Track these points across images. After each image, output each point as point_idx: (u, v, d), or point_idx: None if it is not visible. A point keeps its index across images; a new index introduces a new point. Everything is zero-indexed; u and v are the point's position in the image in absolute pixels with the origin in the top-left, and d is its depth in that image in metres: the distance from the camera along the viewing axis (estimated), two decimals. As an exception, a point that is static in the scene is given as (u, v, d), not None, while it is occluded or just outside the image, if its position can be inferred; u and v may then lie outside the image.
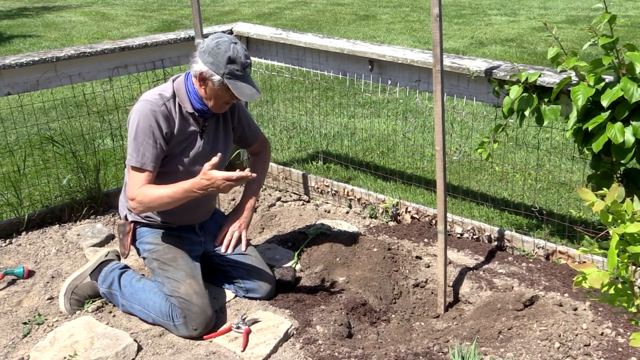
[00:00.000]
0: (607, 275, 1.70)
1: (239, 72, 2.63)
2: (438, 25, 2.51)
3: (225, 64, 2.60)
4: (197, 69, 2.65)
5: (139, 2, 12.43)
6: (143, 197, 2.62)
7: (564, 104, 2.80)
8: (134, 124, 2.64)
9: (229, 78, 2.61)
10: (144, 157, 2.63)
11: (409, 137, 5.02)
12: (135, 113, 2.66)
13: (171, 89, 2.72)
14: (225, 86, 2.63)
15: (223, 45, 2.61)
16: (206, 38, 2.70)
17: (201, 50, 2.65)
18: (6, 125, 4.41)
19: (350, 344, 2.62)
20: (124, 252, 2.89)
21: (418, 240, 3.40)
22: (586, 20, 10.26)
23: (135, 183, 2.64)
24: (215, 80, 2.62)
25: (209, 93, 2.69)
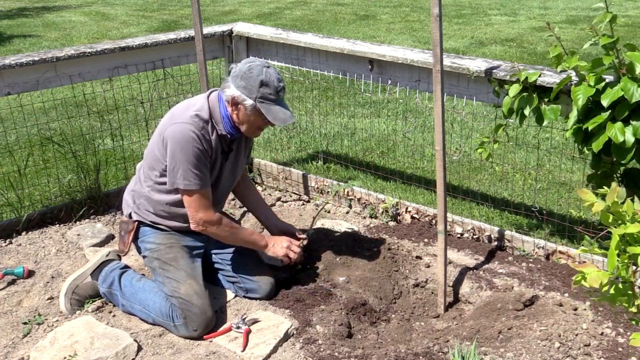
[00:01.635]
0: (607, 275, 1.70)
1: (272, 96, 2.61)
2: (438, 25, 2.50)
3: (257, 87, 2.58)
4: (229, 94, 2.63)
5: (139, 2, 12.42)
6: (217, 229, 2.73)
7: (564, 103, 2.80)
8: (180, 147, 2.59)
9: (261, 102, 2.59)
10: (200, 178, 2.63)
11: (409, 137, 5.02)
12: (178, 136, 2.60)
13: (207, 111, 2.68)
14: (258, 111, 2.61)
15: (255, 69, 2.59)
16: (239, 63, 2.68)
17: (233, 75, 2.63)
18: (6, 125, 4.41)
19: (350, 344, 2.62)
20: (123, 249, 2.89)
21: (418, 240, 3.39)
22: (586, 20, 10.26)
23: (200, 205, 2.66)
24: (247, 105, 2.61)
25: (242, 117, 2.67)
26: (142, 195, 2.82)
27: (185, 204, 2.69)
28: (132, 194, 2.88)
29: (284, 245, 2.86)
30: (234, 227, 2.79)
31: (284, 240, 2.89)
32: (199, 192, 2.64)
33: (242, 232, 2.84)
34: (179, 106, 2.77)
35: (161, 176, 2.73)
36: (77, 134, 4.19)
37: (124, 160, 4.12)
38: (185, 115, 2.65)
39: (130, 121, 4.85)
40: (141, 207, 2.83)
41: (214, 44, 3.98)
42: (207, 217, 2.68)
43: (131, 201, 2.87)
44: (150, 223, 2.84)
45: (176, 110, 2.74)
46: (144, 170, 2.82)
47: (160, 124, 2.77)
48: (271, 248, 2.85)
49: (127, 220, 2.89)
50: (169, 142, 2.62)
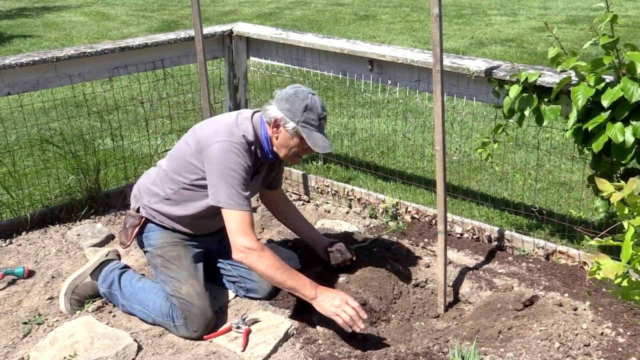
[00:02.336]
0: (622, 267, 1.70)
1: (314, 123, 2.61)
2: (438, 25, 2.50)
3: (301, 111, 2.58)
4: (272, 115, 2.62)
5: (139, 2, 12.42)
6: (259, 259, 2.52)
7: (564, 104, 2.80)
8: (227, 165, 2.54)
9: (303, 126, 2.59)
10: (245, 199, 2.57)
11: (409, 137, 5.02)
12: (225, 155, 2.55)
13: (252, 133, 2.65)
14: (299, 135, 2.60)
15: (301, 94, 2.60)
16: (285, 89, 2.68)
17: (278, 97, 2.63)
18: (6, 125, 4.41)
19: (350, 343, 2.62)
20: (126, 242, 2.85)
21: (418, 240, 3.40)
22: (586, 20, 10.26)
23: (243, 229, 2.54)
24: (289, 128, 2.60)
25: (281, 141, 2.65)
26: (157, 195, 2.79)
27: (228, 226, 2.56)
28: (147, 191, 2.83)
29: (335, 304, 2.48)
30: (278, 263, 2.53)
31: (337, 297, 2.51)
32: (242, 213, 2.55)
33: (288, 272, 2.54)
34: (223, 121, 2.68)
35: (190, 186, 2.69)
36: (77, 134, 4.19)
37: (124, 160, 4.12)
38: (233, 135, 2.60)
39: (130, 121, 4.85)
40: (152, 205, 2.80)
41: (214, 44, 3.98)
42: (249, 244, 2.52)
43: (145, 198, 2.82)
44: (158, 222, 2.82)
45: (220, 125, 2.65)
46: (168, 173, 2.76)
47: (199, 135, 2.67)
48: (319, 302, 2.51)
49: (134, 215, 2.85)
50: (214, 159, 2.56)
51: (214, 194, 2.57)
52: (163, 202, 2.78)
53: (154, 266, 2.83)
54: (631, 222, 1.67)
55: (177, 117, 4.78)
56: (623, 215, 1.72)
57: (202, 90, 3.55)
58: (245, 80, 4.16)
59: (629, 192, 1.69)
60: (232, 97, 4.15)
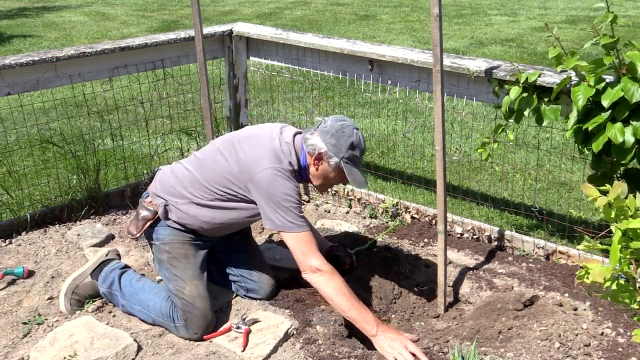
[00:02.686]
0: (610, 270, 1.71)
1: (357, 159, 2.65)
2: (438, 25, 2.50)
3: (347, 148, 2.60)
4: (317, 148, 2.62)
5: (139, 2, 12.43)
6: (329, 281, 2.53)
7: (564, 104, 2.80)
8: (283, 191, 2.55)
9: (346, 162, 2.62)
10: (304, 220, 2.62)
11: (409, 137, 5.02)
12: (278, 182, 2.55)
13: (295, 159, 2.66)
14: (341, 170, 2.63)
15: (347, 129, 2.62)
16: (328, 118, 2.68)
17: (323, 130, 2.63)
18: (6, 125, 4.41)
19: (350, 344, 2.62)
20: (134, 233, 2.77)
21: (418, 240, 3.40)
22: (586, 20, 10.26)
23: (311, 249, 2.56)
24: (332, 162, 2.62)
25: (320, 172, 2.68)
26: (185, 198, 2.72)
27: (291, 248, 2.59)
28: (173, 192, 2.74)
29: (394, 346, 2.44)
30: (346, 289, 2.53)
31: (398, 340, 2.46)
32: (305, 234, 2.58)
33: (354, 302, 2.52)
34: (266, 144, 2.64)
35: (224, 199, 2.67)
36: (77, 134, 4.19)
37: (124, 160, 4.12)
38: (281, 162, 2.60)
39: (130, 121, 4.85)
40: (179, 207, 2.73)
41: (214, 44, 3.98)
42: (319, 265, 2.53)
43: (171, 196, 2.74)
44: (177, 226, 2.75)
45: (264, 150, 2.62)
46: (200, 180, 2.70)
47: (242, 160, 2.62)
48: (379, 342, 2.47)
49: (150, 209, 2.77)
50: (264, 187, 2.56)
51: (272, 220, 2.57)
52: (190, 205, 2.71)
53: (159, 261, 2.79)
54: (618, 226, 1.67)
55: (177, 117, 4.78)
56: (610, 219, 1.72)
57: (202, 90, 3.55)
58: (245, 80, 4.16)
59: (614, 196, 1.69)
60: (232, 97, 4.15)
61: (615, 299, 1.78)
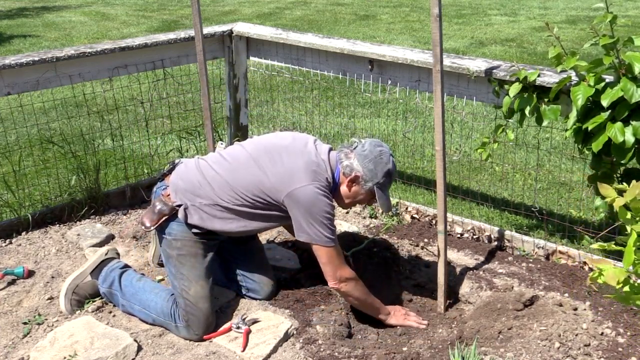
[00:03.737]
0: (624, 273, 1.70)
1: (387, 185, 2.73)
2: (438, 25, 2.50)
3: (382, 175, 2.68)
4: (353, 170, 2.69)
5: (139, 2, 12.43)
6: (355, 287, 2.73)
7: (564, 103, 2.80)
8: (319, 207, 2.61)
9: (378, 187, 2.70)
10: (335, 233, 2.68)
11: (409, 137, 5.02)
12: (315, 199, 2.60)
13: (331, 176, 2.71)
14: (372, 193, 2.71)
15: (384, 156, 2.69)
16: (365, 140, 2.74)
17: (361, 153, 2.69)
18: (6, 125, 4.41)
19: (350, 344, 2.62)
20: (147, 225, 2.71)
21: (418, 240, 3.40)
22: (586, 20, 10.26)
23: (340, 261, 2.70)
24: (366, 186, 2.70)
25: (352, 193, 2.74)
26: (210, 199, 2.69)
27: (324, 261, 2.68)
28: (198, 190, 2.70)
29: (402, 313, 2.86)
30: (365, 288, 2.78)
31: (400, 310, 2.88)
32: (337, 249, 2.68)
33: (373, 297, 2.82)
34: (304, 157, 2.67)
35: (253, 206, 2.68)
36: (77, 134, 4.19)
37: (124, 160, 4.12)
38: (317, 177, 2.63)
39: (130, 121, 4.86)
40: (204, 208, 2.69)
41: (214, 44, 3.98)
42: (348, 275, 2.70)
43: (194, 197, 2.70)
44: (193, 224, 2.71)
45: (301, 166, 2.64)
46: (230, 184, 2.67)
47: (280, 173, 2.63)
48: (393, 316, 2.84)
49: (169, 204, 2.72)
50: (303, 202, 2.59)
51: (308, 234, 2.63)
52: (215, 207, 2.69)
53: (167, 256, 2.75)
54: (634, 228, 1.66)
55: (177, 117, 4.78)
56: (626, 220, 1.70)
57: (202, 90, 3.55)
58: (245, 80, 4.16)
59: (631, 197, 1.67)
60: (232, 97, 4.15)
61: (626, 301, 1.77)
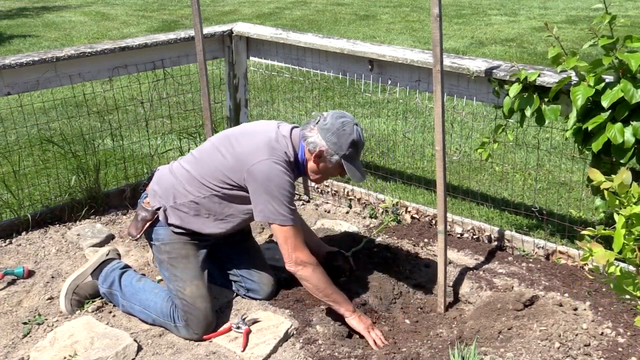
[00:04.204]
0: (614, 255, 1.72)
1: (355, 155, 2.67)
2: (438, 25, 2.50)
3: (348, 146, 2.62)
4: (317, 146, 2.63)
5: (139, 2, 12.42)
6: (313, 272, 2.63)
7: (564, 103, 2.80)
8: (275, 184, 2.56)
9: (346, 159, 2.64)
10: (294, 213, 2.62)
11: (409, 137, 5.02)
12: (272, 173, 2.56)
13: (292, 151, 2.67)
14: (341, 166, 2.66)
15: (348, 126, 2.62)
16: (326, 114, 2.68)
17: (323, 127, 2.63)
18: (6, 125, 4.41)
19: (350, 344, 2.62)
20: (134, 234, 2.77)
21: (418, 240, 3.40)
22: (586, 20, 10.26)
23: (297, 242, 2.62)
24: (333, 160, 2.64)
25: (321, 169, 2.70)
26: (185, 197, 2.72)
27: (280, 241, 2.63)
28: (172, 191, 2.74)
29: (367, 323, 2.70)
30: (327, 277, 2.68)
31: (368, 319, 2.73)
32: (294, 228, 2.61)
33: (334, 287, 2.70)
34: (261, 137, 2.66)
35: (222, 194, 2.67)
36: (77, 134, 4.19)
37: (124, 160, 4.12)
38: (275, 152, 2.61)
39: (130, 121, 4.85)
40: (179, 207, 2.72)
41: (214, 44, 3.98)
42: (304, 257, 2.62)
43: (170, 198, 2.73)
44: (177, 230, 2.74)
45: (260, 142, 2.63)
46: (197, 178, 2.70)
47: (238, 152, 2.64)
48: (355, 318, 2.69)
49: (149, 209, 2.77)
50: (259, 178, 2.57)
51: (263, 212, 2.59)
52: (190, 204, 2.72)
53: (159, 261, 2.78)
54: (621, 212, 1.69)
55: (177, 117, 4.78)
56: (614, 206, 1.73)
57: (202, 90, 3.55)
58: (245, 80, 4.16)
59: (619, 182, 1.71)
60: (232, 97, 4.15)
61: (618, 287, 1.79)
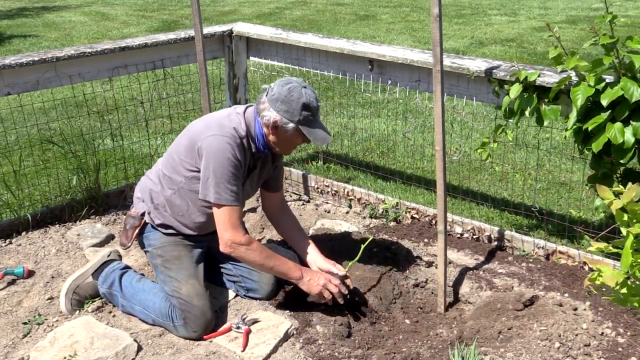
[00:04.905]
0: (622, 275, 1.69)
1: (312, 118, 2.60)
2: (438, 25, 2.50)
3: (299, 111, 2.56)
4: (269, 118, 2.59)
5: (139, 2, 12.42)
6: (247, 251, 2.61)
7: (564, 104, 2.80)
8: (217, 159, 2.55)
9: (302, 124, 2.58)
10: (233, 193, 2.57)
11: (409, 137, 5.02)
12: (215, 147, 2.55)
13: (244, 128, 2.64)
14: (299, 132, 2.60)
15: (295, 91, 2.56)
16: (273, 84, 2.63)
17: (272, 98, 2.59)
18: (6, 125, 4.41)
19: (350, 344, 2.62)
20: (126, 243, 2.85)
21: (418, 240, 3.40)
22: (586, 20, 10.26)
23: (230, 223, 2.58)
24: (289, 128, 2.59)
25: (280, 140, 2.65)
26: (158, 197, 2.78)
27: (215, 220, 2.61)
28: (150, 193, 2.81)
29: (320, 283, 2.66)
30: (264, 252, 2.65)
31: (321, 276, 2.69)
32: (230, 208, 2.57)
33: (275, 259, 2.66)
34: (214, 116, 2.70)
35: (187, 183, 2.69)
36: (77, 134, 4.19)
37: (124, 160, 4.12)
38: (224, 128, 2.59)
39: (130, 121, 4.85)
40: (157, 208, 2.79)
41: (214, 44, 3.98)
42: (235, 238, 2.59)
43: (149, 200, 2.80)
44: (161, 229, 2.78)
45: (212, 120, 2.67)
46: (165, 173, 2.75)
47: (191, 131, 2.69)
48: (305, 282, 2.67)
49: (134, 215, 2.84)
50: (204, 153, 2.57)
51: (203, 188, 2.59)
52: (164, 203, 2.77)
53: (154, 266, 2.82)
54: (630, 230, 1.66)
55: (177, 117, 4.78)
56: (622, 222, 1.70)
57: (202, 90, 3.55)
58: (245, 80, 4.16)
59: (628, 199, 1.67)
60: (232, 97, 4.15)
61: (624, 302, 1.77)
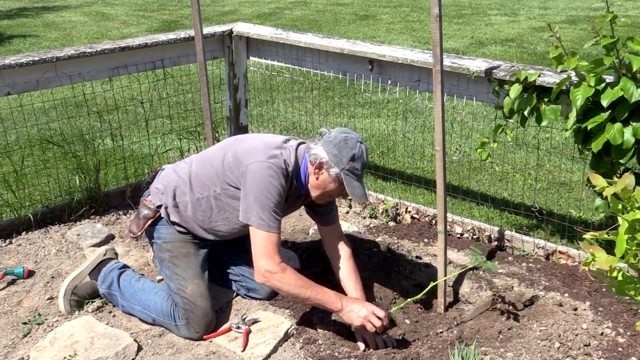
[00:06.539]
0: (616, 260, 1.70)
1: (357, 172, 2.61)
2: (438, 25, 2.50)
3: (348, 159, 2.58)
4: (318, 157, 2.60)
5: (139, 2, 12.43)
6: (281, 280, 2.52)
7: (564, 104, 2.80)
8: (263, 186, 2.53)
9: (346, 174, 2.59)
10: (274, 221, 2.55)
11: (409, 137, 5.02)
12: (265, 174, 2.54)
13: (294, 162, 2.65)
14: (340, 181, 2.60)
15: (350, 141, 2.59)
16: (333, 129, 2.65)
17: (327, 140, 2.61)
18: (6, 125, 4.41)
19: (350, 344, 2.62)
20: (135, 232, 2.78)
21: (418, 240, 3.40)
22: (586, 20, 10.26)
23: (265, 251, 2.53)
24: (332, 172, 2.59)
25: (321, 182, 2.64)
26: (184, 196, 2.74)
27: (252, 245, 2.56)
28: (174, 189, 2.77)
29: (361, 315, 2.53)
30: (301, 280, 2.55)
31: (363, 307, 2.55)
32: (269, 235, 2.54)
33: (313, 288, 2.56)
34: (266, 140, 2.68)
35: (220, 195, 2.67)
36: (77, 134, 4.19)
37: (124, 160, 4.12)
38: (275, 157, 2.60)
39: (130, 121, 4.86)
40: (180, 207, 2.75)
41: (214, 44, 3.98)
42: (269, 266, 2.52)
43: (170, 196, 2.76)
44: (176, 222, 2.76)
45: (262, 143, 2.65)
46: (199, 177, 2.72)
47: (240, 149, 2.66)
48: (346, 313, 2.55)
49: (151, 207, 2.79)
50: (250, 177, 2.56)
51: (246, 211, 2.56)
52: (189, 202, 2.73)
53: (160, 259, 2.79)
54: (624, 217, 1.68)
55: (177, 117, 4.78)
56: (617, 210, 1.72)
57: (202, 90, 3.55)
58: (245, 80, 4.16)
59: (622, 187, 1.69)
60: (232, 97, 4.15)
61: (620, 291, 1.78)
